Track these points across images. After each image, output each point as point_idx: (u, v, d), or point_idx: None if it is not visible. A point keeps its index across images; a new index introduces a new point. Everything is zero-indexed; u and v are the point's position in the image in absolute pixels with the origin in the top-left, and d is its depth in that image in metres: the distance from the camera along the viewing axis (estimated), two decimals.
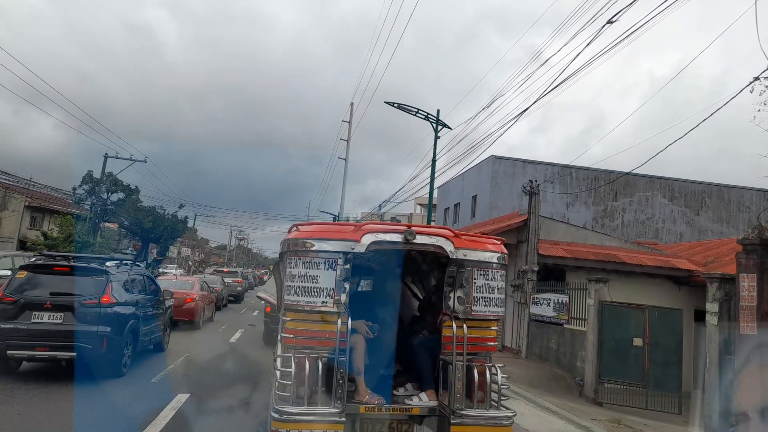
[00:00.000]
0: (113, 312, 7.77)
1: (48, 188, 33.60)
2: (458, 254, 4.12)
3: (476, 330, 4.22)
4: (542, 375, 10.61)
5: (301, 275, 3.92)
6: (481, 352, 4.36)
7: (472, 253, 4.19)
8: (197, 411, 6.37)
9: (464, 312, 4.13)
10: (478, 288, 4.18)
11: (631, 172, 17.40)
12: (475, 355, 4.26)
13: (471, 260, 4.17)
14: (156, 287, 10.61)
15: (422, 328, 5.32)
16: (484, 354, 4.40)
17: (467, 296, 4.15)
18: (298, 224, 4.31)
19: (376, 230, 4.09)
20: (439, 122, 19.81)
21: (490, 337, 4.41)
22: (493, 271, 4.26)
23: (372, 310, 5.14)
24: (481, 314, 4.18)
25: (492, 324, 4.40)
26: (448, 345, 4.20)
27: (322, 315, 3.89)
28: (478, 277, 4.18)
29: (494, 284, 4.26)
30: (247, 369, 9.38)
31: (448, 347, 4.21)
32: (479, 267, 4.19)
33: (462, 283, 4.21)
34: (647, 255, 13.57)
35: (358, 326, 4.44)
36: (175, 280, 15.48)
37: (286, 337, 4.02)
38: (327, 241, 3.93)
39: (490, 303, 4.23)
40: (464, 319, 4.13)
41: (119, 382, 7.64)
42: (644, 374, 9.38)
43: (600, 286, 9.78)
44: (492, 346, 4.47)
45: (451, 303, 4.35)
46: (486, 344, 4.39)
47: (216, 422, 6.20)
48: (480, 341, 4.30)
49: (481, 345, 4.34)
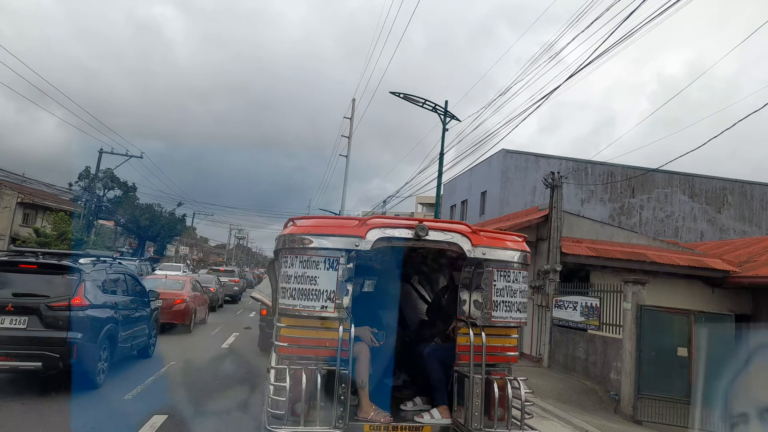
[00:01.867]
0: (85, 316, 6.76)
1: (41, 184, 32.73)
2: (476, 253, 3.76)
3: (495, 338, 3.86)
4: (570, 388, 9.50)
5: (298, 276, 3.56)
6: (500, 363, 3.97)
7: (491, 251, 3.82)
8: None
9: (483, 318, 3.77)
10: (498, 291, 3.81)
11: (655, 168, 16.33)
12: (494, 367, 3.88)
13: (490, 260, 3.80)
14: (141, 287, 9.57)
15: (432, 335, 4.91)
16: (503, 365, 4.00)
17: (486, 300, 3.79)
18: (294, 218, 3.92)
19: (384, 225, 3.71)
20: (447, 114, 18.76)
21: (511, 347, 4.03)
22: (515, 271, 3.89)
23: (375, 315, 4.74)
24: (502, 321, 3.82)
25: (513, 331, 4.01)
26: (464, 355, 3.86)
27: (321, 321, 3.55)
28: (498, 278, 3.82)
29: (516, 286, 3.88)
30: (239, 380, 8.27)
31: (463, 357, 3.88)
32: (499, 267, 3.83)
33: (480, 285, 3.87)
34: (678, 254, 12.46)
35: (361, 333, 4.09)
36: (164, 279, 14.37)
37: (280, 346, 3.64)
38: (327, 237, 3.59)
39: (512, 308, 3.86)
40: (483, 326, 3.77)
41: (90, 397, 6.61)
42: (689, 388, 8.27)
43: (638, 288, 8.68)
44: (513, 357, 4.05)
45: (466, 308, 4.04)
46: (506, 354, 3.98)
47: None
48: (499, 351, 3.92)
49: (501, 355, 3.95)
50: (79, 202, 33.22)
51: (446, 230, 3.83)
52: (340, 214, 33.01)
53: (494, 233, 4.18)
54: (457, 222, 4.23)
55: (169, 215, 44.94)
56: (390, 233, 3.71)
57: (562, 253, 11.51)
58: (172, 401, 6.64)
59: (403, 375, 5.46)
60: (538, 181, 20.80)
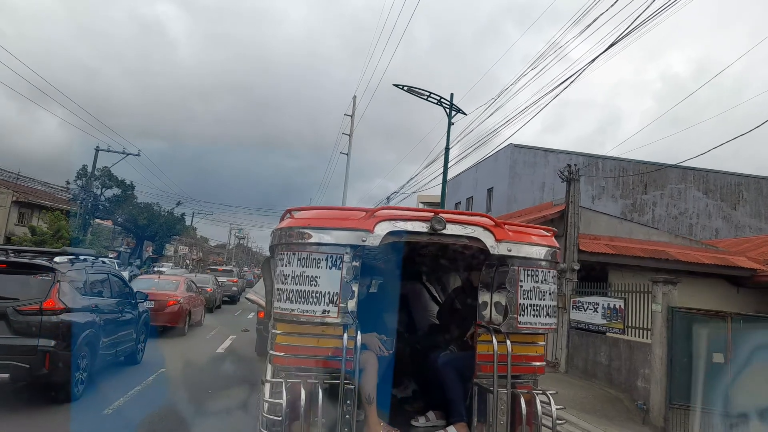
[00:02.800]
0: (60, 321, 6.07)
1: (36, 182, 32.13)
2: (500, 249, 3.37)
3: (520, 346, 3.49)
4: (593, 396, 8.77)
5: (296, 276, 3.19)
6: (525, 375, 3.59)
7: (517, 247, 3.42)
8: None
9: (508, 324, 3.40)
10: (525, 293, 3.43)
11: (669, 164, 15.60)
12: (518, 378, 3.53)
13: (516, 257, 3.41)
14: (128, 288, 8.89)
15: (446, 342, 4.48)
16: (529, 377, 3.62)
17: (511, 303, 3.41)
18: (292, 209, 3.48)
19: (394, 217, 3.29)
20: (452, 107, 18.07)
21: (537, 356, 3.64)
22: (543, 270, 3.50)
23: (382, 319, 4.33)
24: (530, 327, 3.44)
25: (539, 338, 3.64)
26: (485, 366, 3.49)
27: (323, 327, 3.20)
28: (525, 278, 3.43)
29: (545, 288, 3.50)
30: (234, 390, 7.53)
31: (484, 368, 3.50)
32: (526, 265, 3.44)
33: (503, 285, 3.51)
34: (702, 252, 11.74)
35: (368, 341, 3.69)
36: (157, 279, 13.67)
37: (276, 356, 3.28)
38: (330, 231, 3.20)
39: (540, 312, 3.47)
40: (507, 332, 3.40)
41: (65, 411, 5.94)
42: (727, 398, 7.53)
43: (669, 288, 7.95)
44: (539, 367, 3.65)
45: (487, 312, 3.68)
46: (532, 364, 3.61)
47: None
48: (524, 360, 3.54)
49: (526, 365, 3.57)
50: (77, 201, 32.62)
51: (466, 223, 3.39)
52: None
53: (520, 227, 3.73)
54: (478, 214, 3.70)
55: (168, 214, 44.33)
56: (402, 226, 3.28)
57: (579, 251, 10.79)
58: (158, 416, 5.96)
59: (412, 385, 4.98)
60: (548, 177, 20.11)
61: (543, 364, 3.74)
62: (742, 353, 7.54)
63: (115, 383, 7.34)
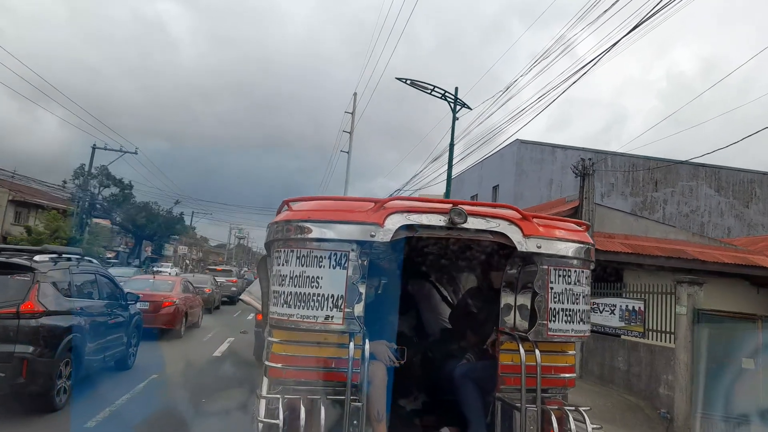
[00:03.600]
0: (39, 325, 5.61)
1: (32, 181, 31.73)
2: (528, 245, 2.98)
3: (549, 356, 3.12)
4: (611, 404, 8.28)
5: (294, 276, 2.82)
6: (554, 388, 3.23)
7: (548, 243, 3.03)
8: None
9: (537, 331, 3.02)
10: (556, 295, 3.05)
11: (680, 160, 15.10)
12: (545, 392, 3.15)
13: (546, 254, 3.03)
14: (118, 289, 8.42)
15: (461, 349, 4.08)
16: (558, 390, 3.27)
17: (541, 308, 3.03)
18: (290, 200, 3.08)
19: (407, 209, 2.92)
20: (457, 101, 17.57)
21: (568, 366, 3.27)
22: (577, 270, 3.11)
23: (388, 324, 3.82)
24: (562, 335, 3.05)
25: (569, 347, 3.28)
26: (509, 378, 3.15)
27: (326, 335, 2.86)
28: (556, 279, 3.05)
29: (578, 290, 3.11)
30: (229, 399, 7.03)
31: (508, 381, 3.16)
32: (558, 265, 3.06)
33: (529, 287, 3.19)
34: (721, 251, 11.24)
35: (377, 350, 3.26)
36: (152, 280, 13.18)
37: (272, 368, 2.92)
38: (334, 225, 2.83)
39: (573, 317, 3.08)
40: (536, 341, 3.03)
41: (45, 424, 5.50)
42: (758, 407, 7.03)
43: (695, 289, 7.45)
44: (570, 380, 3.29)
45: (511, 317, 3.35)
46: (562, 376, 3.24)
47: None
48: (553, 372, 3.17)
49: (555, 377, 3.19)
50: (74, 200, 32.21)
51: (490, 216, 3.00)
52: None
53: (551, 220, 3.34)
54: (502, 205, 3.26)
55: (167, 214, 43.93)
56: (416, 220, 2.89)
57: (596, 250, 10.27)
58: (146, 429, 5.47)
59: (422, 396, 4.48)
60: (555, 173, 19.62)
61: (573, 376, 3.36)
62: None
63: (103, 391, 6.86)
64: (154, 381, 7.63)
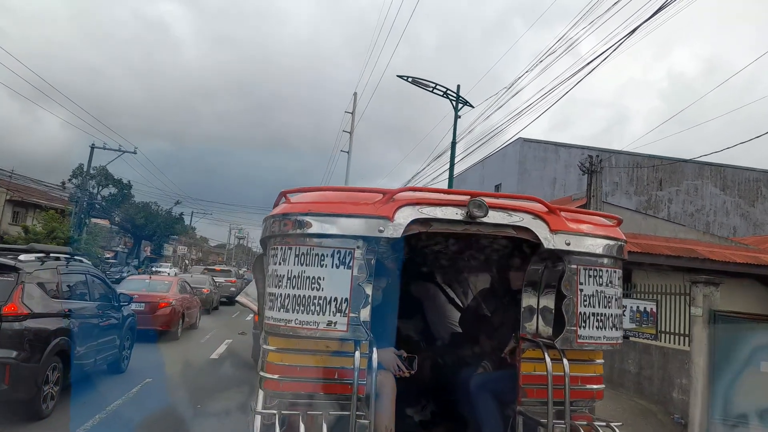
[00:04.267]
0: (23, 328, 5.33)
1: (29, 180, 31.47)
2: (556, 242, 2.69)
3: (576, 365, 2.83)
4: (622, 409, 7.99)
5: (293, 277, 2.54)
6: (581, 401, 2.95)
7: (578, 240, 2.75)
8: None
9: (565, 339, 2.74)
10: (586, 298, 2.77)
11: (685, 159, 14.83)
12: (572, 405, 2.82)
13: (576, 252, 2.74)
14: (110, 290, 8.15)
15: (475, 356, 3.82)
16: (586, 403, 3.00)
17: (569, 312, 2.74)
18: (287, 191, 2.80)
19: (420, 201, 2.65)
20: (459, 99, 17.31)
21: (596, 377, 3.00)
22: (609, 270, 2.85)
23: (393, 328, 3.56)
24: (592, 342, 2.79)
25: (598, 355, 3.00)
26: (531, 390, 2.89)
27: (328, 343, 2.56)
28: (586, 280, 2.77)
29: (610, 292, 2.85)
30: (226, 405, 6.75)
31: (530, 393, 2.89)
32: (588, 264, 2.78)
33: (556, 288, 2.93)
34: (732, 250, 10.96)
35: (385, 358, 2.99)
36: (148, 280, 12.90)
37: (268, 380, 2.64)
38: (337, 219, 2.55)
39: (605, 323, 2.82)
40: (563, 349, 2.74)
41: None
42: None
43: (711, 290, 7.15)
44: (598, 391, 3.01)
45: (533, 322, 3.05)
46: (589, 388, 2.96)
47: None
48: (580, 382, 2.89)
49: (582, 389, 2.91)
50: (72, 200, 31.96)
51: (512, 209, 2.72)
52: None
53: (579, 214, 3.07)
54: (525, 197, 2.99)
55: (166, 214, 43.67)
56: (430, 213, 2.61)
57: None
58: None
59: (431, 405, 4.20)
60: (559, 172, 19.37)
61: (602, 387, 3.07)
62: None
63: (93, 396, 6.57)
64: (147, 386, 7.33)
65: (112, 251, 39.75)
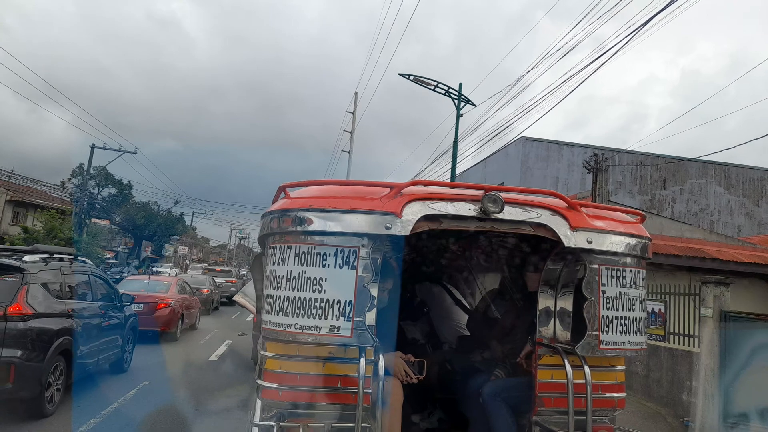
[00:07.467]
0: (27, 328, 5.33)
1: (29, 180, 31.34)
2: (577, 240, 2.49)
3: (596, 371, 2.64)
4: (630, 412, 7.81)
5: (292, 277, 2.35)
6: (602, 410, 2.78)
7: (600, 238, 2.54)
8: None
9: (588, 344, 2.53)
10: (609, 301, 2.56)
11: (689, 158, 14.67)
12: (593, 415, 2.63)
13: (599, 251, 2.54)
14: (113, 290, 8.07)
15: (487, 362, 3.63)
16: (607, 412, 2.83)
17: (591, 316, 2.53)
18: (286, 185, 2.61)
19: (430, 196, 2.44)
20: (461, 98, 17.16)
21: (617, 384, 2.81)
22: (633, 270, 2.65)
23: (398, 331, 3.34)
24: (615, 348, 2.58)
25: (619, 361, 2.83)
26: (548, 399, 2.72)
27: (331, 349, 2.38)
28: (608, 281, 2.57)
29: (635, 294, 2.64)
30: (223, 409, 6.60)
31: (548, 402, 2.72)
32: (611, 264, 2.58)
33: (574, 289, 2.81)
34: (739, 249, 10.80)
35: (391, 364, 2.86)
36: (147, 280, 12.76)
37: (266, 389, 2.44)
38: (341, 215, 2.34)
39: (629, 327, 2.60)
40: (584, 355, 2.54)
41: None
42: None
43: (721, 290, 7.01)
44: (620, 400, 2.83)
45: (550, 325, 2.90)
46: (611, 396, 2.77)
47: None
48: (600, 390, 2.70)
49: (603, 397, 2.72)
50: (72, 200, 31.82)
51: (529, 204, 2.53)
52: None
53: (601, 209, 2.86)
54: (543, 191, 2.78)
55: (167, 214, 43.56)
56: (441, 209, 2.43)
57: None
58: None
59: (438, 412, 4.01)
60: (561, 171, 19.21)
61: (624, 395, 2.89)
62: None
63: (93, 397, 6.56)
64: (145, 388, 7.20)
65: (112, 251, 39.59)
